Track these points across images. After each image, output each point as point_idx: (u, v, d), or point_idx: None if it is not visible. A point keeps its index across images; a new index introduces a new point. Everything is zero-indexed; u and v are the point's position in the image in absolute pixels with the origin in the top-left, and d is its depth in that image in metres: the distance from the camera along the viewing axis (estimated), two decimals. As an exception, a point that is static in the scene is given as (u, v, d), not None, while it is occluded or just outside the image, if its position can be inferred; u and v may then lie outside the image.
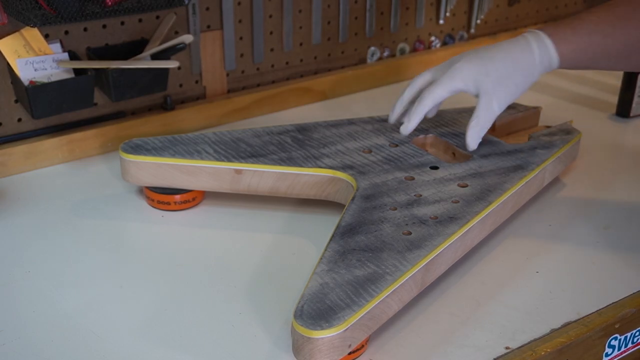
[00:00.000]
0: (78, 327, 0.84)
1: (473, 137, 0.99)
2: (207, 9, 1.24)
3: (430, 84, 1.01)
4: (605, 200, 1.09)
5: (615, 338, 0.88)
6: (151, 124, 1.22)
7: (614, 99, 1.35)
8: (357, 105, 1.37)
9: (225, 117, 1.29)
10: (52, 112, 1.10)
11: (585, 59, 0.96)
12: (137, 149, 1.02)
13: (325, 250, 0.84)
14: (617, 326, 0.87)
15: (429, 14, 1.50)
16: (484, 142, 1.06)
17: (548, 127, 1.15)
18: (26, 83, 1.08)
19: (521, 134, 1.13)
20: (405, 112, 1.05)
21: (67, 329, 0.83)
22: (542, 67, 0.97)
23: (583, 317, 0.86)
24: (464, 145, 1.04)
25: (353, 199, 0.94)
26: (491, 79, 0.97)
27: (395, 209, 0.92)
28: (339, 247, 0.85)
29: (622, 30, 0.93)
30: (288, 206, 1.06)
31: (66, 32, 1.13)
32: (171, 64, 1.13)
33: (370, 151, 1.04)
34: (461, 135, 1.09)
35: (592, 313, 0.87)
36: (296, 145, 1.05)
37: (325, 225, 0.99)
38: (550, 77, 1.49)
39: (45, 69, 1.09)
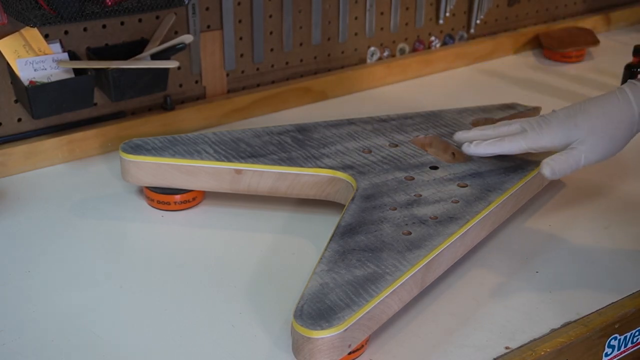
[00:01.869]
0: (78, 327, 0.84)
1: (545, 169, 0.92)
2: (207, 9, 1.24)
3: (517, 132, 0.97)
4: (605, 200, 1.09)
5: (615, 338, 0.88)
6: (151, 124, 1.22)
7: (614, 99, 1.35)
8: (357, 105, 1.37)
9: (225, 117, 1.29)
10: (52, 112, 1.10)
11: None
12: (137, 149, 1.02)
13: (325, 250, 0.84)
14: (616, 326, 0.87)
15: (428, 14, 1.50)
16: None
17: (548, 127, 1.15)
18: (26, 83, 1.08)
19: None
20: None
21: (67, 329, 0.83)
22: (639, 113, 0.91)
23: (583, 317, 0.86)
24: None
25: (353, 199, 0.94)
26: (580, 129, 0.91)
27: (395, 209, 0.92)
28: (338, 247, 0.85)
29: None
30: (288, 206, 1.06)
31: (66, 32, 1.13)
32: (171, 64, 1.13)
33: (370, 151, 1.04)
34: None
35: (592, 313, 0.87)
36: (296, 145, 1.05)
37: (325, 225, 0.99)
38: (550, 77, 1.49)
39: (45, 69, 1.09)
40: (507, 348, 0.82)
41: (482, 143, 0.98)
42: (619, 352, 0.90)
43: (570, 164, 0.91)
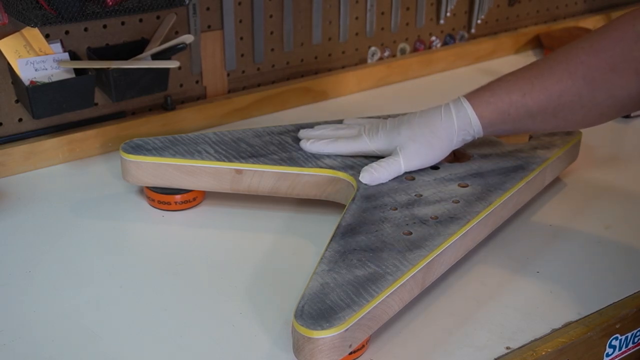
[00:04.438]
0: (78, 327, 0.84)
1: (365, 178, 0.97)
2: (208, 9, 1.24)
3: (352, 136, 1.01)
4: (605, 200, 1.09)
5: (616, 338, 0.88)
6: (151, 124, 1.22)
7: (615, 99, 1.35)
8: (358, 105, 1.37)
9: (225, 117, 1.29)
10: (52, 112, 1.10)
11: (509, 121, 0.94)
12: (137, 149, 1.02)
13: (326, 250, 0.84)
14: (617, 326, 0.87)
15: (429, 14, 1.50)
16: (484, 142, 1.06)
17: (548, 127, 1.15)
18: (27, 83, 1.08)
19: (521, 134, 1.13)
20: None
21: (67, 329, 0.83)
22: (461, 132, 0.95)
23: (584, 317, 0.86)
24: (464, 145, 1.04)
25: (353, 199, 0.94)
26: (402, 137, 0.96)
27: (396, 209, 0.92)
28: (339, 247, 0.85)
29: (541, 86, 0.90)
30: (288, 206, 1.06)
31: (67, 32, 1.13)
32: (172, 64, 1.13)
33: (370, 151, 1.04)
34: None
35: (593, 313, 0.87)
36: (297, 145, 1.05)
37: (325, 225, 0.99)
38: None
39: (46, 69, 1.09)
40: (507, 348, 0.81)
41: (317, 142, 1.02)
42: (620, 352, 0.90)
43: (390, 170, 0.97)
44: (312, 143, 1.02)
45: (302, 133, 1.06)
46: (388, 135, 0.98)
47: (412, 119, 0.98)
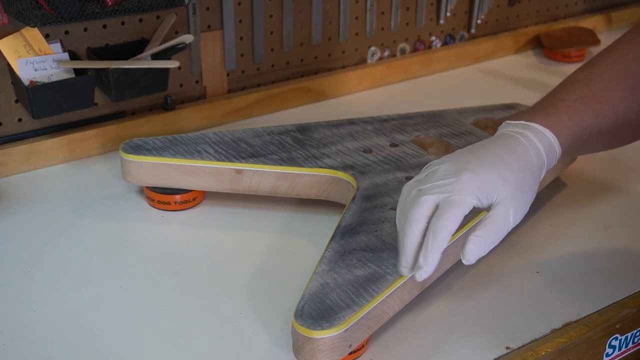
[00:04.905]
0: (78, 327, 0.84)
1: (474, 251, 0.74)
2: (208, 9, 1.24)
3: (437, 212, 0.75)
4: (605, 200, 1.09)
5: (616, 338, 0.88)
6: (151, 124, 1.22)
7: (615, 99, 1.35)
8: (358, 105, 1.37)
9: (225, 117, 1.29)
10: (52, 112, 1.10)
11: (578, 145, 0.83)
12: (137, 149, 1.02)
13: (326, 250, 0.84)
14: (617, 326, 0.87)
15: (429, 13, 1.50)
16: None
17: (548, 127, 1.14)
18: (26, 83, 1.08)
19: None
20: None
21: (67, 329, 0.83)
22: (547, 165, 0.81)
23: (584, 317, 0.86)
24: (464, 146, 1.04)
25: (353, 199, 0.94)
26: (509, 185, 0.76)
27: (396, 209, 0.91)
28: (339, 247, 0.85)
29: (609, 104, 0.82)
30: (288, 206, 1.05)
31: (66, 32, 1.13)
32: (171, 64, 1.13)
33: (370, 151, 1.04)
34: (462, 136, 1.09)
35: (593, 313, 0.87)
36: (297, 145, 1.05)
37: (325, 225, 0.99)
38: (550, 77, 1.48)
39: (46, 69, 1.09)
40: (507, 348, 0.81)
41: (424, 254, 0.74)
42: (620, 352, 0.90)
43: (500, 231, 0.76)
44: (422, 266, 0.74)
45: (403, 258, 0.76)
46: (487, 179, 0.76)
47: (505, 158, 0.78)
